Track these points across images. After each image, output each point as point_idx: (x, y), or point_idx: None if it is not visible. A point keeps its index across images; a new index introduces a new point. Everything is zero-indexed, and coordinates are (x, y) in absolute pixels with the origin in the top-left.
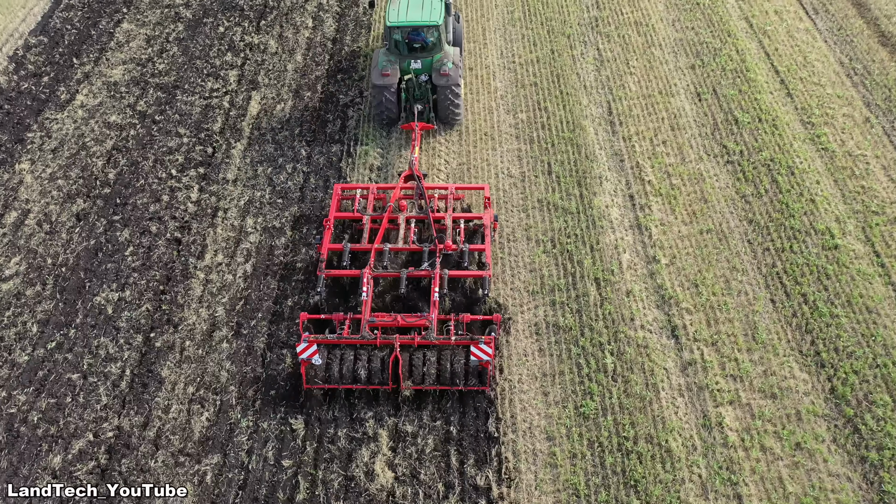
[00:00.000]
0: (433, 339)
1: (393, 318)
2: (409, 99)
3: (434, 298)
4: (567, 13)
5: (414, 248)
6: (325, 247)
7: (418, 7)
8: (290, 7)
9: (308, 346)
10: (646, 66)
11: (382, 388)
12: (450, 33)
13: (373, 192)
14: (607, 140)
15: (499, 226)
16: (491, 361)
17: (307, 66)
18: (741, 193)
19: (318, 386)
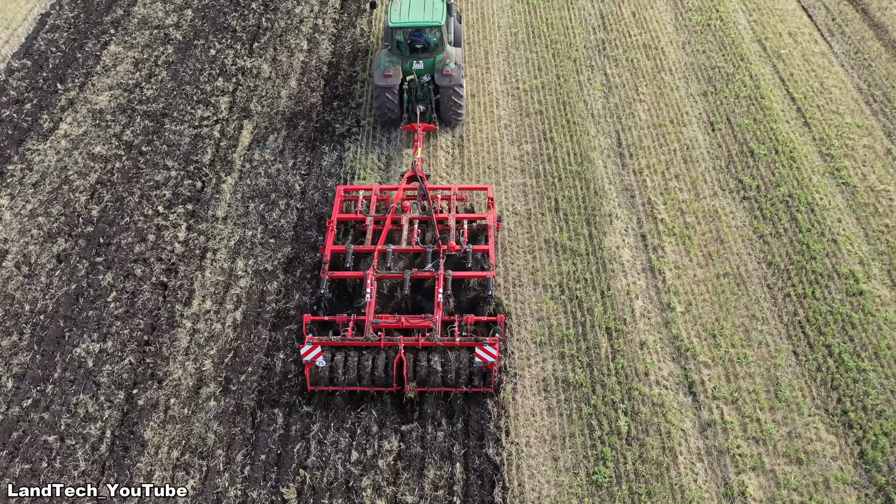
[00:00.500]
0: (437, 340)
1: (397, 320)
2: (411, 100)
3: (438, 300)
4: (573, 35)
5: (417, 249)
6: (328, 248)
7: (420, 7)
8: (284, 28)
9: (312, 348)
10: (656, 92)
11: (387, 389)
12: (451, 33)
13: (375, 193)
14: (617, 174)
15: (502, 226)
16: (495, 363)
17: (301, 93)
18: (759, 233)
19: (322, 388)
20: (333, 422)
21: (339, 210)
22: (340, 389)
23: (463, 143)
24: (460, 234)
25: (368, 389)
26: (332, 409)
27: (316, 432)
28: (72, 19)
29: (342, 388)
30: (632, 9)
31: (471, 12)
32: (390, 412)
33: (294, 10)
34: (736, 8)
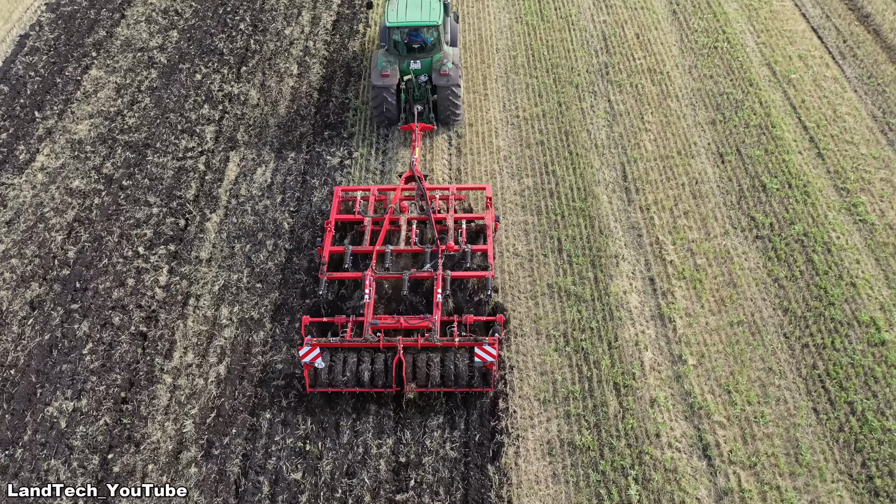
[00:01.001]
0: (437, 340)
1: (396, 321)
2: (408, 99)
3: (437, 300)
4: (574, 59)
5: (416, 249)
6: (326, 249)
7: (417, 7)
8: (273, 51)
9: (311, 350)
10: (662, 120)
11: (386, 390)
12: (448, 33)
13: (373, 193)
14: (623, 210)
15: (500, 226)
16: (495, 362)
17: (291, 121)
18: (774, 276)
19: (321, 389)
20: (323, 490)
21: (337, 211)
22: (340, 391)
23: (461, 176)
24: (459, 234)
25: (367, 391)
26: (321, 476)
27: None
28: (52, 41)
29: (341, 390)
30: (635, 30)
31: (468, 34)
32: (384, 480)
33: (284, 31)
34: (743, 29)
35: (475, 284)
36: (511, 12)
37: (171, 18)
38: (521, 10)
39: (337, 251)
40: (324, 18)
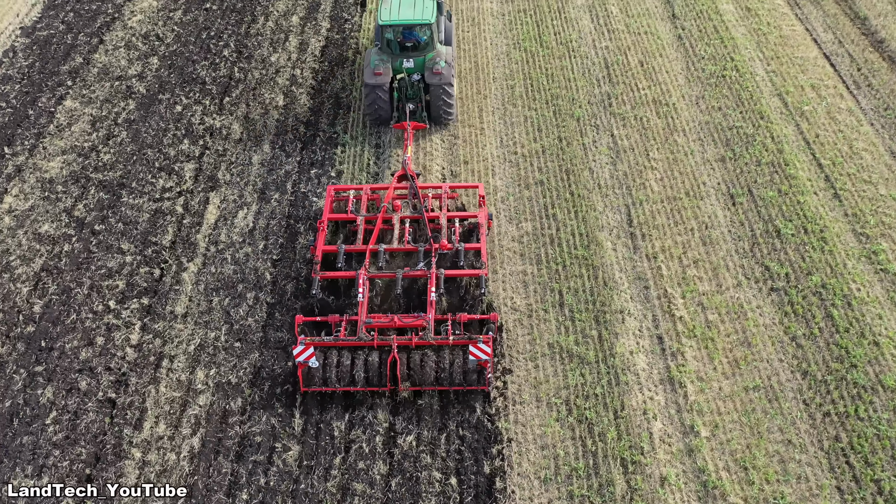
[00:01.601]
0: (431, 339)
1: (390, 319)
2: (401, 98)
3: (431, 298)
4: (575, 89)
5: (409, 248)
6: (318, 248)
7: (410, 5)
8: (258, 80)
9: (305, 349)
10: (669, 157)
11: (380, 389)
12: (442, 32)
13: (366, 192)
14: (628, 259)
15: (493, 225)
16: (489, 360)
17: (276, 158)
18: (791, 334)
19: (315, 389)
20: None
21: (330, 210)
22: (334, 390)
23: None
24: (452, 232)
25: (362, 390)
26: None
27: None
28: (26, 68)
29: (335, 389)
30: (639, 57)
31: (464, 61)
32: None
33: (270, 58)
34: (752, 56)
35: (469, 283)
36: (509, 37)
37: (151, 44)
38: (520, 34)
39: (330, 250)
40: (312, 44)
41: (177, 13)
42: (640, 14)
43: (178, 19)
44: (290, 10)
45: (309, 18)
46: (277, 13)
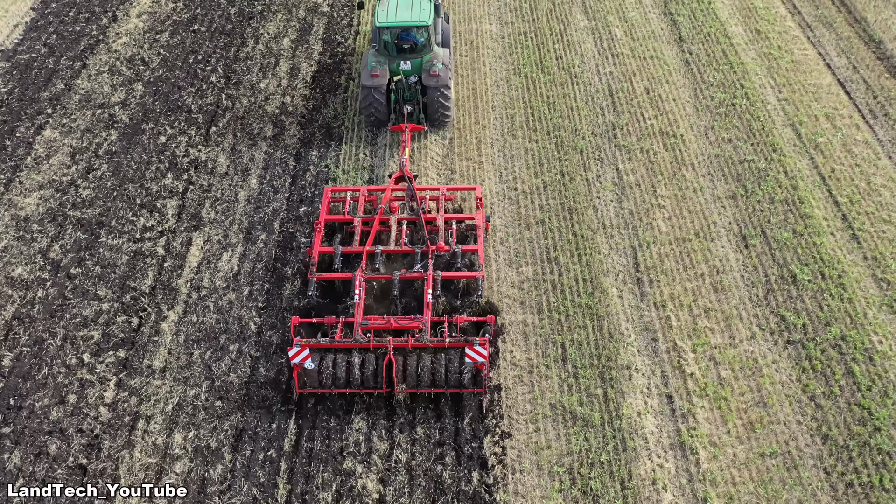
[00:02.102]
0: (427, 341)
1: (386, 321)
2: (398, 100)
3: (427, 300)
4: (578, 118)
5: (406, 249)
6: (315, 250)
7: (407, 7)
8: (246, 108)
9: (300, 351)
10: (677, 194)
11: (376, 391)
12: (439, 34)
13: (363, 194)
14: (635, 308)
15: (490, 226)
16: (485, 363)
17: (263, 195)
18: (809, 392)
19: (310, 391)
20: None
21: (327, 212)
22: (329, 392)
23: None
24: (449, 234)
25: (357, 392)
26: None
27: None
28: (4, 95)
29: (331, 391)
30: (645, 83)
31: (462, 88)
32: None
33: (259, 84)
34: (763, 83)
35: (465, 285)
36: (508, 62)
37: (136, 68)
38: (520, 59)
39: (326, 252)
40: (303, 69)
41: (163, 35)
42: (646, 37)
43: (165, 42)
44: (282, 31)
45: (301, 41)
46: (268, 35)
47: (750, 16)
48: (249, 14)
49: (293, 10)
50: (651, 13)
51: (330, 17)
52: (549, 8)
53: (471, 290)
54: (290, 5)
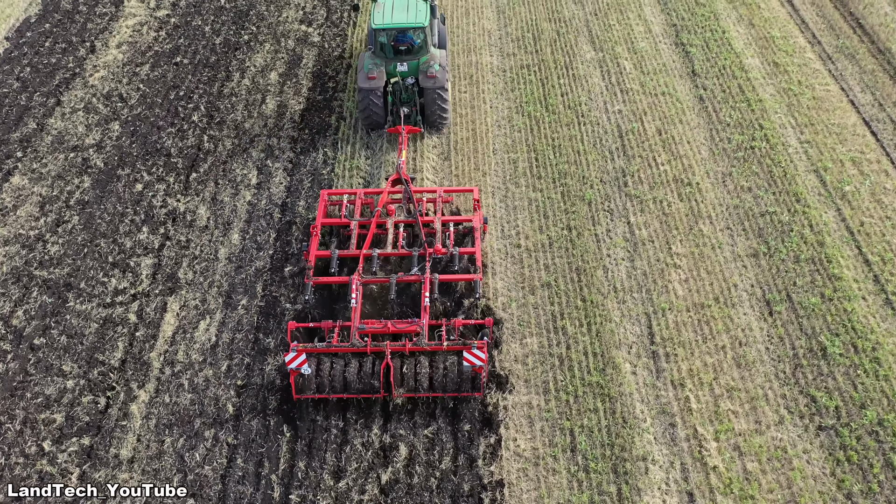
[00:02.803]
0: (425, 344)
1: (383, 325)
2: (395, 102)
3: (425, 303)
4: (586, 163)
5: (403, 252)
6: (312, 254)
7: (403, 9)
8: (230, 152)
9: (297, 356)
10: (694, 252)
11: (374, 396)
12: (435, 35)
13: (360, 197)
14: (650, 386)
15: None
16: (484, 366)
17: (245, 252)
18: (845, 489)
19: (307, 396)
20: None
21: (324, 215)
22: (326, 397)
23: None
24: (446, 236)
25: (355, 396)
26: None
27: None
28: None
29: (328, 396)
30: (657, 123)
31: (461, 129)
32: None
33: (244, 124)
34: (784, 122)
35: (463, 288)
36: (510, 99)
37: (113, 106)
38: (523, 95)
39: (323, 255)
40: (291, 107)
41: (143, 68)
42: (657, 70)
43: (145, 76)
44: (269, 64)
45: (289, 75)
46: (255, 68)
47: (767, 46)
48: (235, 44)
49: (282, 41)
50: (662, 43)
51: (321, 49)
52: (553, 38)
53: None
54: (278, 35)
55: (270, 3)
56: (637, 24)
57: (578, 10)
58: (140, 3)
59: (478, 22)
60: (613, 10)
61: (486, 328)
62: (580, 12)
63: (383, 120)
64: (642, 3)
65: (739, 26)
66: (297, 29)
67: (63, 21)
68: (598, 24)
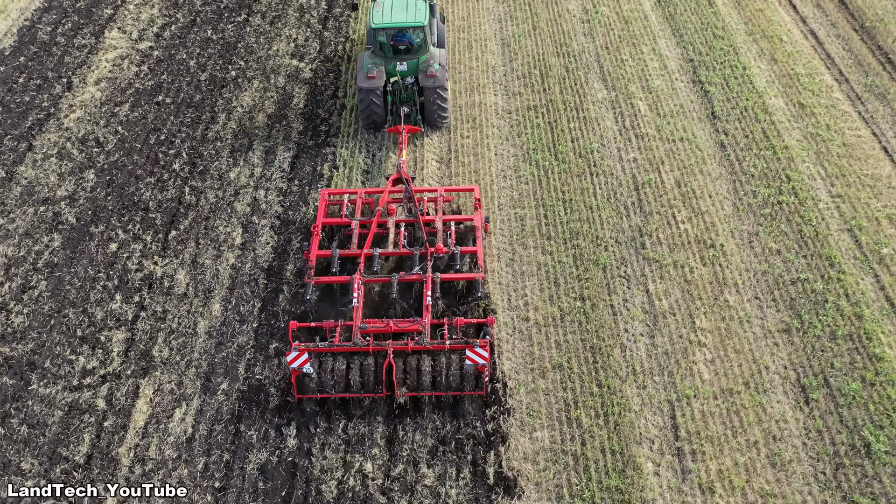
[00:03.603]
0: (427, 343)
1: (385, 324)
2: (395, 101)
3: (427, 302)
4: (599, 221)
5: (405, 252)
6: (313, 253)
7: (403, 8)
8: (213, 205)
9: (299, 355)
10: (720, 326)
11: (376, 395)
12: (435, 34)
13: (361, 196)
14: (676, 490)
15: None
16: (487, 365)
17: (227, 325)
18: None
19: (310, 395)
20: None
21: (324, 215)
22: (329, 397)
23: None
24: (448, 235)
25: (357, 396)
26: None
27: None
28: None
29: (330, 396)
30: (675, 174)
31: (464, 181)
32: None
33: (228, 174)
34: (812, 173)
35: (465, 286)
36: (517, 145)
37: (88, 151)
38: (530, 142)
39: (324, 255)
40: (280, 155)
41: (123, 108)
42: (674, 112)
43: (124, 117)
44: (258, 104)
45: (279, 117)
46: (242, 109)
47: (791, 85)
48: (222, 81)
49: (271, 77)
50: (678, 81)
51: (313, 86)
52: (562, 75)
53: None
54: (268, 70)
55: (260, 34)
56: (651, 58)
57: (588, 44)
58: (122, 34)
59: (481, 56)
60: (626, 42)
61: (489, 327)
62: (590, 45)
63: (383, 120)
64: (656, 36)
65: (761, 62)
66: (287, 64)
67: (39, 54)
68: (609, 59)
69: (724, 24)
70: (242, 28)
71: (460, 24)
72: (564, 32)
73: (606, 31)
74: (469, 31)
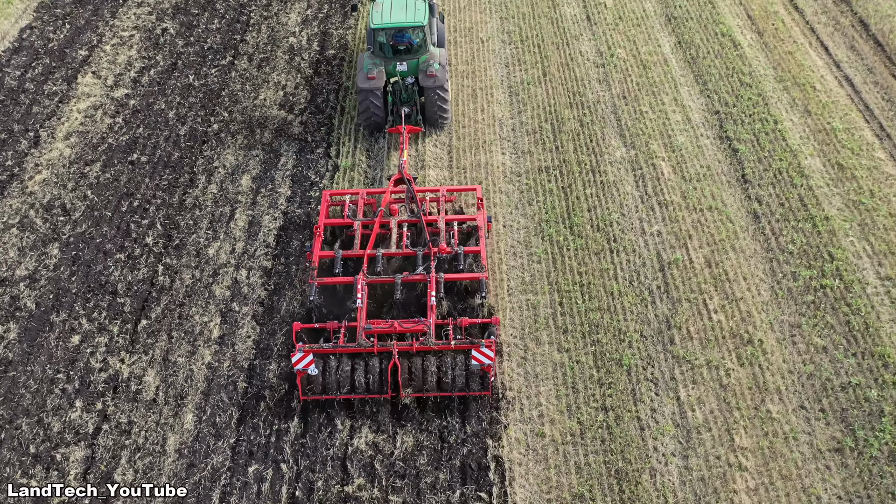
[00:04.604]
0: (432, 344)
1: (390, 325)
2: (395, 102)
3: (431, 303)
4: (621, 310)
5: (407, 252)
6: (315, 254)
7: (402, 8)
8: (189, 289)
9: (303, 357)
10: (763, 445)
11: (381, 396)
12: (434, 34)
13: (362, 197)
14: None
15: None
16: (493, 365)
17: (200, 441)
18: None
19: (314, 397)
20: None
21: (326, 215)
22: (333, 398)
23: None
24: (451, 235)
25: (362, 397)
26: None
27: None
28: None
29: (335, 397)
30: (705, 252)
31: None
32: None
33: (206, 250)
34: (858, 250)
35: (469, 286)
36: (527, 216)
37: (54, 220)
38: (542, 211)
39: (327, 256)
40: (265, 225)
41: (93, 169)
42: (701, 175)
43: (94, 179)
44: (241, 164)
45: (264, 180)
46: (223, 171)
47: (828, 142)
48: (203, 136)
49: (257, 131)
50: (704, 138)
51: (303, 142)
52: (576, 129)
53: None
54: (253, 123)
55: (246, 80)
56: (673, 110)
57: (604, 92)
58: (96, 80)
59: (487, 108)
60: (645, 91)
61: (493, 326)
62: (606, 94)
63: (384, 120)
64: (678, 83)
65: (793, 114)
66: (275, 115)
67: (6, 103)
68: (627, 110)
69: (752, 70)
70: (227, 73)
71: (464, 69)
72: (577, 79)
73: (623, 77)
74: (474, 77)
